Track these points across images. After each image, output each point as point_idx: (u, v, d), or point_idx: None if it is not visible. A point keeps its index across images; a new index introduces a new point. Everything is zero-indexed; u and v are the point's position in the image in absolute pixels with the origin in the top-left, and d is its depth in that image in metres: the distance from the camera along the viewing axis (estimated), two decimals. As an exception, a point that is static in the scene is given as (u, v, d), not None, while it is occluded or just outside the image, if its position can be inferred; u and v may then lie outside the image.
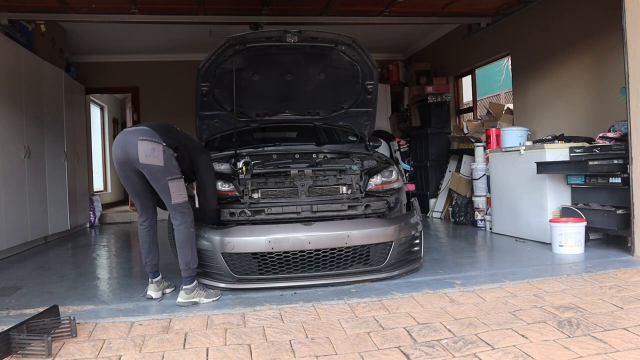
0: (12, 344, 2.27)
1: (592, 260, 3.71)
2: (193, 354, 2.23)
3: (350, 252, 3.30)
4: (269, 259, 3.24)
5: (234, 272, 3.20)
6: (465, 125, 6.48)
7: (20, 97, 5.11)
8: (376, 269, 3.33)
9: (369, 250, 3.33)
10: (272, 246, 3.17)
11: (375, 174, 3.73)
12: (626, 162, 3.76)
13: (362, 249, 3.32)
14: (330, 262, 3.27)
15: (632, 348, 2.11)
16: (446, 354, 2.13)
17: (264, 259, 3.24)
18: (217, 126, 4.25)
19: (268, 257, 3.23)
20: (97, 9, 5.20)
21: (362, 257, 3.34)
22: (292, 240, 3.17)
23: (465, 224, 5.80)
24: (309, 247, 3.19)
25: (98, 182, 9.70)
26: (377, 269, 3.33)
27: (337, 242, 3.21)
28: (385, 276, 3.34)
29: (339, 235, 3.20)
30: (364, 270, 3.33)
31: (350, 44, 3.72)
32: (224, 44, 3.55)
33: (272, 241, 3.17)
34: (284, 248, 3.18)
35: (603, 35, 4.60)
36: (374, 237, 3.30)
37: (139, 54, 7.99)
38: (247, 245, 3.18)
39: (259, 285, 3.22)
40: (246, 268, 3.24)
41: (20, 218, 5.03)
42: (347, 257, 3.30)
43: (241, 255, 3.21)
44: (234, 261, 3.21)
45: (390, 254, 3.33)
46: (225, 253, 3.18)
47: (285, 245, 3.18)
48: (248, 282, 3.22)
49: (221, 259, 3.19)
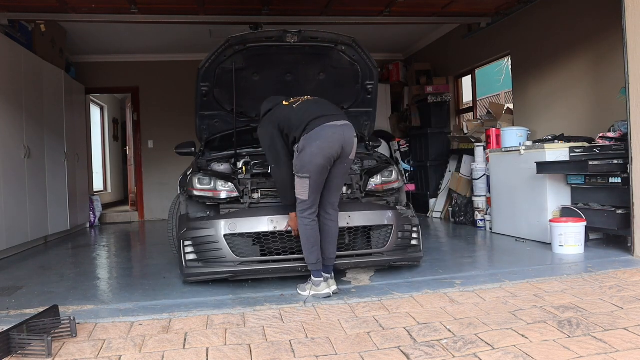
0: (12, 344, 2.27)
1: (592, 260, 3.71)
2: (193, 354, 2.23)
3: (352, 233, 3.34)
4: (271, 239, 3.24)
5: (236, 255, 3.18)
6: (465, 125, 6.48)
7: (20, 97, 5.11)
8: (378, 252, 3.37)
9: (370, 234, 3.38)
10: (274, 225, 3.19)
11: (375, 174, 3.73)
12: (626, 162, 3.76)
13: (363, 230, 3.37)
14: None
15: (632, 348, 2.11)
16: (446, 354, 2.13)
17: (266, 239, 3.24)
18: (217, 126, 4.25)
19: (270, 238, 3.23)
20: (97, 9, 5.19)
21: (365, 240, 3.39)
22: None
23: (465, 224, 5.80)
24: None
25: (98, 182, 9.70)
26: (378, 251, 3.37)
27: (339, 222, 3.22)
28: (387, 259, 3.38)
29: (340, 216, 3.21)
30: (366, 253, 3.36)
31: (350, 44, 3.72)
32: (224, 44, 3.55)
33: (274, 220, 3.19)
34: (286, 227, 3.19)
35: (603, 35, 4.60)
36: (374, 219, 3.36)
37: (139, 54, 7.99)
38: (250, 225, 3.20)
39: (261, 266, 3.21)
40: (248, 251, 3.23)
41: (20, 218, 5.03)
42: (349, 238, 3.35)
43: (243, 237, 3.21)
44: (236, 244, 3.20)
45: (391, 238, 3.36)
46: (227, 235, 3.17)
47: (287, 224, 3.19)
48: (250, 264, 3.21)
49: (223, 241, 3.17)
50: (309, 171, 2.87)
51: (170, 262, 4.13)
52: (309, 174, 2.87)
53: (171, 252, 4.02)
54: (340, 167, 2.99)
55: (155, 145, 8.16)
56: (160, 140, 8.05)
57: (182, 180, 3.94)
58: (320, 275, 3.00)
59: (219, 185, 3.48)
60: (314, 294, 2.97)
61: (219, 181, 3.50)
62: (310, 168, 2.86)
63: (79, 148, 7.02)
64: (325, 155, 2.85)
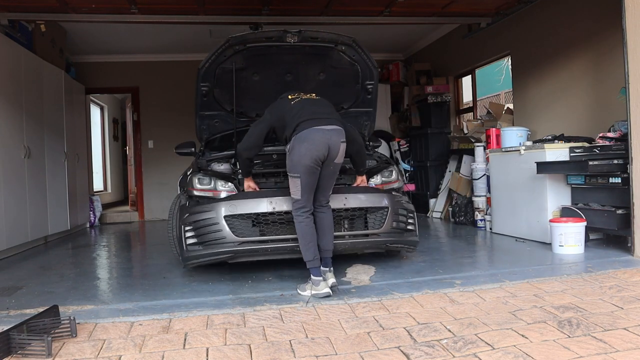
0: (12, 344, 2.27)
1: (592, 260, 3.71)
2: (193, 354, 2.23)
3: (349, 213, 3.39)
4: (270, 220, 3.28)
5: (236, 235, 3.23)
6: (465, 125, 6.48)
7: (20, 97, 5.11)
8: (374, 233, 3.42)
9: (367, 216, 3.43)
10: (273, 206, 3.24)
11: (375, 174, 3.74)
12: (626, 162, 3.76)
13: (360, 212, 3.42)
14: None
15: (632, 348, 2.11)
16: (446, 354, 2.13)
17: (265, 220, 3.28)
18: (217, 126, 4.25)
19: (270, 219, 3.28)
20: (97, 9, 5.19)
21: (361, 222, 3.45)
22: None
23: (465, 224, 5.80)
24: None
25: (98, 182, 9.70)
26: (375, 232, 3.42)
27: (336, 203, 3.30)
28: (383, 240, 3.44)
29: (337, 197, 3.30)
30: (362, 233, 3.43)
31: (350, 44, 3.72)
32: (224, 44, 3.55)
33: (273, 201, 3.25)
34: (285, 208, 3.24)
35: (603, 35, 4.60)
36: (370, 201, 3.42)
37: (139, 54, 7.99)
38: (250, 206, 3.26)
39: (260, 246, 3.27)
40: (248, 232, 3.28)
41: (20, 218, 5.03)
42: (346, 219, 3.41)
43: (243, 217, 3.26)
44: (236, 224, 3.24)
45: (387, 220, 3.41)
46: (227, 216, 3.22)
47: (285, 206, 3.24)
48: (250, 243, 3.26)
49: (224, 222, 3.22)
50: (298, 171, 2.97)
51: (171, 262, 4.13)
52: (299, 174, 2.97)
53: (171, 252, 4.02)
54: (327, 170, 3.08)
55: (155, 145, 8.16)
56: (160, 140, 8.06)
57: (182, 180, 3.94)
58: (319, 274, 3.02)
59: (219, 185, 3.49)
60: (314, 293, 2.98)
61: (219, 181, 3.50)
62: (299, 169, 2.96)
63: (79, 148, 7.02)
64: (312, 157, 2.94)
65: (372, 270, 3.62)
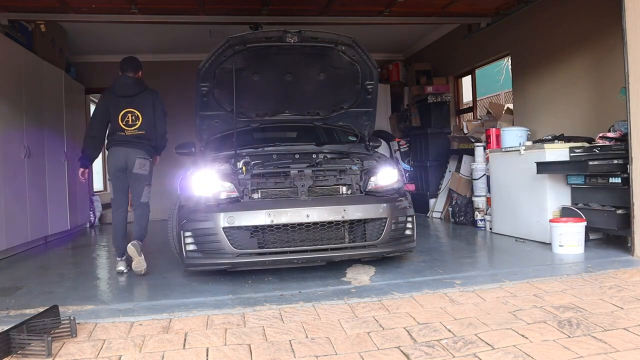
0: (12, 344, 2.27)
1: (592, 260, 3.71)
2: (193, 354, 2.23)
3: (347, 225, 3.38)
4: (268, 232, 3.28)
5: (234, 247, 3.23)
6: (465, 125, 6.48)
7: (20, 97, 5.11)
8: (372, 244, 3.41)
9: (365, 226, 3.41)
10: (271, 219, 3.23)
11: (375, 174, 3.73)
12: (626, 162, 3.76)
13: (358, 224, 3.41)
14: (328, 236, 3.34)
15: (632, 348, 2.11)
16: (446, 354, 2.13)
17: (264, 232, 3.28)
18: (217, 126, 4.25)
19: (268, 231, 3.27)
20: (97, 9, 5.20)
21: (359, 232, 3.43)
22: (291, 213, 3.24)
23: (465, 224, 5.80)
24: (307, 220, 3.26)
25: (98, 182, 9.68)
26: (372, 244, 3.41)
27: (335, 215, 3.29)
28: (380, 251, 3.43)
29: (336, 209, 3.30)
30: (360, 245, 3.41)
31: (350, 44, 3.72)
32: (223, 44, 3.55)
33: (271, 214, 3.24)
34: (283, 221, 3.23)
35: (603, 35, 4.60)
36: (369, 212, 3.40)
37: (139, 54, 7.89)
38: (248, 218, 3.25)
39: (259, 258, 3.27)
40: (246, 243, 3.27)
41: (20, 218, 5.03)
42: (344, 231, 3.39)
43: (242, 229, 3.26)
44: (234, 236, 3.24)
45: (385, 230, 3.41)
46: (226, 227, 3.22)
47: (284, 218, 3.23)
48: (248, 255, 3.26)
49: (222, 234, 3.22)
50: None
51: (170, 262, 4.12)
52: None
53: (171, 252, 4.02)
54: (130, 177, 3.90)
55: (155, 145, 8.13)
56: (160, 140, 8.03)
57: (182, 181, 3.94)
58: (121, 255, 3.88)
59: (219, 185, 3.48)
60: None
61: (218, 181, 3.50)
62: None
63: (79, 148, 6.99)
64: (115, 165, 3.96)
65: (372, 270, 3.62)
